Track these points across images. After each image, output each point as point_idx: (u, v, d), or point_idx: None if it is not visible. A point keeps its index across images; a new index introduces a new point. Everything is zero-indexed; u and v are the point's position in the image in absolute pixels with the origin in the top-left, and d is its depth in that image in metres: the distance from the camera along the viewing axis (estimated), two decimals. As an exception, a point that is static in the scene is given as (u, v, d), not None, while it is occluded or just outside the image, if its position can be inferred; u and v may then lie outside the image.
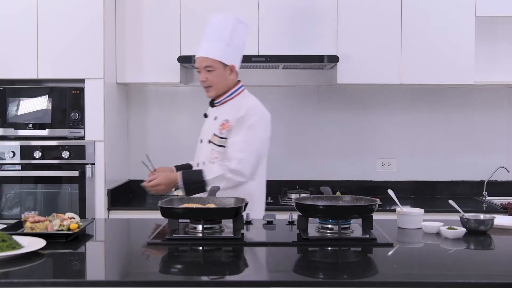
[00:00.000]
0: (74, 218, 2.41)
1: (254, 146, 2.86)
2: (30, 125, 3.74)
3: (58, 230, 2.31)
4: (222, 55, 2.91)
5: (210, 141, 2.94)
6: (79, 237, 2.35)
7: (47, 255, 2.08)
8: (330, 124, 4.35)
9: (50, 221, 2.35)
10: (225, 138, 2.88)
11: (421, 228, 2.52)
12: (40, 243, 2.12)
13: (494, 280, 1.86)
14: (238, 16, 3.55)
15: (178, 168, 3.05)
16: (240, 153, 2.82)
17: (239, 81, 3.03)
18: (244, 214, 2.38)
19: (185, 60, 3.87)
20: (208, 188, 2.73)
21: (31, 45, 3.71)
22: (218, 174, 2.79)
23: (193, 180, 2.81)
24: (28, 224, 2.33)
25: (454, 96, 4.33)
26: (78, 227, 2.35)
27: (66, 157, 3.69)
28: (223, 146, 2.89)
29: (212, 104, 3.06)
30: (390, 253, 2.18)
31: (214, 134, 2.92)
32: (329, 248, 2.23)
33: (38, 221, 2.33)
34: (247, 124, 2.85)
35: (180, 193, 2.87)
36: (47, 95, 3.75)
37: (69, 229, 2.32)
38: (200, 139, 3.06)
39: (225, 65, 2.91)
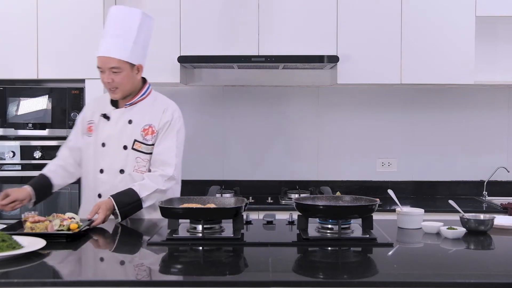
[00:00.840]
0: (74, 218, 2.41)
1: (182, 150, 2.90)
2: (30, 125, 3.74)
3: (58, 230, 2.31)
4: (130, 55, 2.72)
5: (134, 148, 2.78)
6: (79, 237, 2.35)
7: (47, 255, 2.08)
8: (330, 124, 4.35)
9: (50, 221, 2.35)
10: (153, 145, 2.80)
11: (421, 228, 2.52)
12: (40, 243, 2.12)
13: (494, 280, 1.86)
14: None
15: (34, 183, 2.82)
16: (175, 158, 2.82)
17: (144, 79, 2.90)
18: None
19: (185, 60, 3.88)
20: (145, 205, 2.71)
21: (31, 45, 3.71)
22: (154, 190, 2.73)
23: (127, 201, 2.64)
24: (28, 224, 2.33)
25: (454, 96, 4.33)
26: (78, 227, 2.34)
27: (66, 157, 3.68)
28: (151, 153, 2.80)
29: (115, 104, 2.84)
30: (390, 253, 2.18)
31: (137, 141, 2.78)
32: (329, 248, 2.23)
33: (38, 221, 2.33)
34: (175, 129, 2.84)
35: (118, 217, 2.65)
36: (47, 95, 3.75)
37: (69, 229, 2.32)
38: (102, 143, 2.81)
39: (132, 65, 2.74)
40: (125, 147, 2.79)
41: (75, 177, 2.98)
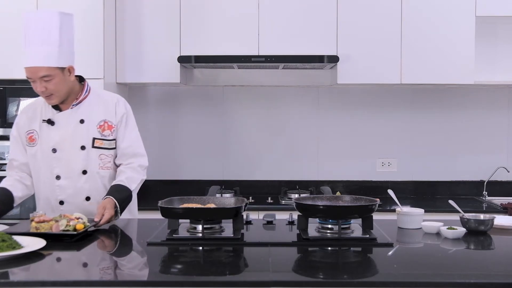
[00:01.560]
0: (82, 219, 2.38)
1: None
2: (30, 125, 3.73)
3: (64, 231, 2.29)
4: (57, 60, 2.61)
5: (95, 147, 2.73)
6: (84, 237, 2.34)
7: (47, 255, 2.08)
8: (330, 124, 4.35)
9: (56, 221, 2.32)
10: (114, 140, 2.77)
11: (421, 228, 2.52)
12: (40, 243, 2.12)
13: (494, 280, 1.86)
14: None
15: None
16: (142, 148, 2.85)
17: (81, 77, 2.82)
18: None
19: (185, 60, 3.88)
20: (134, 197, 2.76)
21: (31, 45, 3.70)
22: (140, 181, 2.78)
23: (124, 197, 2.65)
24: (33, 224, 2.32)
25: (454, 96, 4.33)
26: (84, 228, 2.32)
27: (66, 157, 3.68)
28: (113, 148, 2.78)
29: (57, 108, 2.74)
30: (390, 253, 2.18)
31: (97, 138, 2.73)
32: (329, 248, 2.23)
33: (44, 221, 2.30)
34: (132, 119, 2.85)
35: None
36: (47, 95, 3.74)
37: (75, 230, 2.30)
38: (53, 149, 2.71)
39: (62, 69, 2.63)
40: (83, 148, 2.73)
41: (33, 190, 2.86)
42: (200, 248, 2.23)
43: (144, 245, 2.25)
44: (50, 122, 2.73)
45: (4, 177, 3.66)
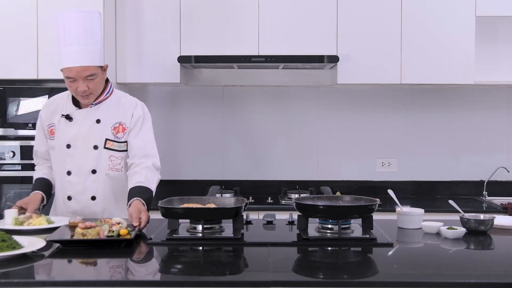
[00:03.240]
0: (122, 224, 2.30)
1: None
2: (30, 125, 3.74)
3: (108, 236, 2.21)
4: (100, 60, 2.70)
5: (106, 148, 2.75)
6: (131, 243, 2.26)
7: (47, 255, 2.08)
8: (330, 124, 4.35)
9: (99, 226, 2.25)
10: (125, 142, 2.78)
11: (421, 228, 2.52)
12: (40, 243, 2.12)
13: (494, 280, 1.86)
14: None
15: (41, 187, 2.79)
16: (155, 150, 2.85)
17: (106, 78, 2.87)
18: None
19: (185, 60, 3.88)
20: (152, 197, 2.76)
21: (31, 45, 3.71)
22: (157, 180, 2.79)
23: (147, 198, 2.64)
24: (79, 230, 2.20)
25: (454, 96, 4.33)
26: (128, 233, 2.23)
27: (66, 157, 3.68)
28: (124, 151, 2.79)
29: (77, 104, 2.79)
30: (390, 253, 2.18)
31: (109, 140, 2.75)
32: (329, 248, 2.23)
33: (90, 227, 2.22)
34: (149, 122, 2.87)
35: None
36: (47, 95, 3.74)
37: (119, 235, 2.22)
38: (67, 144, 2.75)
39: (101, 67, 2.73)
40: (95, 147, 2.75)
41: None
42: (200, 248, 2.23)
43: (144, 245, 2.25)
44: (69, 117, 2.77)
45: (4, 177, 3.71)
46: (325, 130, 4.35)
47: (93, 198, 2.76)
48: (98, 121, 2.76)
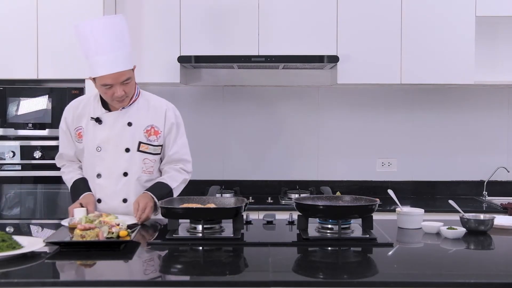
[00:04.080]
0: (122, 225, 2.27)
1: None
2: (30, 125, 3.74)
3: (107, 238, 2.20)
4: (131, 61, 2.70)
5: (140, 150, 2.75)
6: (132, 245, 2.26)
7: (47, 255, 2.08)
8: (330, 124, 4.35)
9: (98, 228, 2.23)
10: (160, 146, 2.80)
11: (421, 228, 2.52)
12: (40, 243, 2.12)
13: (494, 280, 1.86)
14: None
15: (87, 188, 2.78)
16: (188, 155, 2.89)
17: None
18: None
19: (185, 60, 3.87)
20: (176, 193, 2.78)
21: (31, 45, 3.71)
22: (181, 180, 2.82)
23: (163, 193, 2.68)
24: (77, 232, 2.18)
25: (454, 96, 4.33)
26: (128, 234, 2.22)
27: (66, 157, 3.68)
28: (158, 154, 2.81)
29: (106, 108, 2.78)
30: (390, 253, 2.18)
31: (143, 143, 2.76)
32: (329, 248, 2.23)
33: (89, 228, 2.20)
34: (181, 127, 2.89)
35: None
36: (47, 95, 3.75)
37: (118, 236, 2.21)
38: (97, 147, 2.74)
39: (133, 70, 2.73)
40: (127, 150, 2.75)
41: None
42: (200, 248, 2.23)
43: (144, 245, 2.25)
44: (98, 120, 2.75)
45: (4, 177, 3.71)
46: (325, 130, 4.35)
47: (125, 200, 2.74)
48: (129, 124, 2.75)
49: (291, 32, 3.93)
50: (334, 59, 3.84)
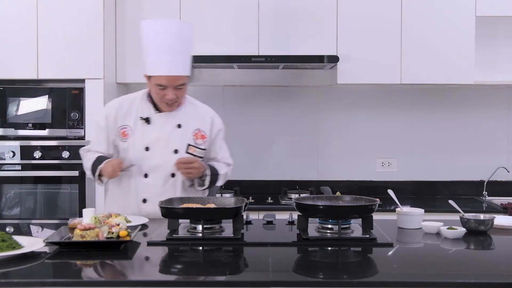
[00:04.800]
0: (121, 225, 2.26)
1: None
2: (30, 125, 3.74)
3: (107, 238, 2.19)
4: (189, 69, 2.77)
5: (188, 153, 2.79)
6: (132, 245, 2.25)
7: (47, 255, 2.08)
8: (330, 124, 4.35)
9: (98, 228, 2.22)
10: (205, 150, 2.85)
11: (421, 228, 2.52)
12: (40, 243, 2.12)
13: (494, 280, 1.86)
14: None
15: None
16: (231, 159, 3.00)
17: None
18: None
19: (185, 60, 3.87)
20: (218, 183, 2.85)
21: (31, 45, 3.71)
22: (224, 173, 2.89)
23: (214, 172, 2.80)
24: (77, 232, 2.17)
25: (454, 96, 4.33)
26: (128, 234, 2.22)
27: (66, 157, 3.69)
28: (202, 158, 2.84)
29: (156, 108, 2.81)
30: (390, 253, 2.18)
31: (191, 145, 2.80)
32: (329, 248, 2.23)
33: (89, 228, 2.19)
34: (223, 133, 2.96)
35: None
36: (47, 95, 3.75)
37: (118, 236, 2.20)
38: (146, 147, 2.77)
39: (188, 76, 2.77)
40: (176, 151, 2.77)
41: None
42: (200, 248, 2.23)
43: (144, 245, 2.25)
44: (147, 120, 2.78)
45: (4, 177, 3.71)
46: (325, 130, 4.35)
47: None
48: (179, 126, 2.79)
49: (291, 32, 3.93)
50: (334, 59, 3.84)
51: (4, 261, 1.97)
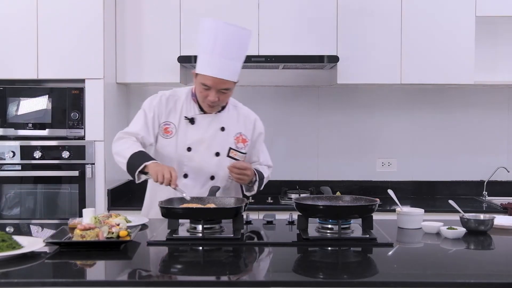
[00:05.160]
0: (121, 225, 2.25)
1: None
2: (30, 125, 3.74)
3: (107, 238, 2.19)
4: (238, 75, 2.69)
5: (229, 156, 2.77)
6: (132, 245, 2.25)
7: (47, 255, 2.08)
8: (330, 124, 4.35)
9: (98, 227, 2.22)
10: (245, 154, 2.82)
11: (421, 228, 2.52)
12: (40, 243, 2.11)
13: (494, 280, 1.86)
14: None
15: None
16: (271, 162, 2.97)
17: None
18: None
19: (185, 60, 3.87)
20: (262, 186, 2.81)
21: (31, 45, 3.71)
22: (267, 175, 2.87)
23: (261, 176, 2.77)
24: (77, 232, 2.16)
25: (454, 96, 4.33)
26: (128, 234, 2.21)
27: (66, 157, 3.69)
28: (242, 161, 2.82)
29: (201, 108, 2.78)
30: (390, 253, 2.18)
31: (232, 148, 2.78)
32: (329, 248, 2.23)
33: (89, 228, 2.18)
34: (263, 137, 2.93)
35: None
36: (47, 95, 3.75)
37: (118, 236, 2.20)
38: (188, 147, 2.74)
39: (235, 83, 2.70)
40: (217, 154, 2.75)
41: None
42: (200, 248, 2.23)
43: (144, 245, 2.25)
44: (192, 121, 2.75)
45: (4, 177, 3.71)
46: (325, 130, 4.35)
47: None
48: (222, 128, 2.77)
49: (291, 32, 3.93)
50: (334, 59, 3.84)
51: (4, 261, 1.97)
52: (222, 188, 2.76)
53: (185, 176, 2.75)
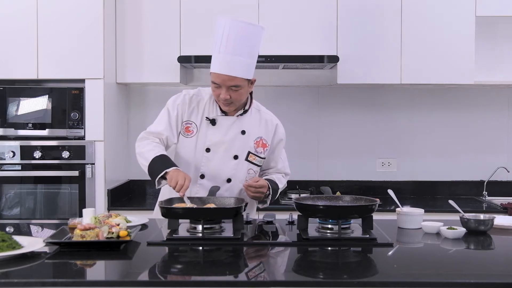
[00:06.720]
0: (121, 225, 2.25)
1: None
2: (30, 125, 3.74)
3: (107, 238, 2.19)
4: (250, 73, 2.66)
5: (248, 160, 2.74)
6: (133, 246, 2.24)
7: (47, 255, 2.08)
8: (330, 124, 4.35)
9: (98, 227, 2.21)
10: (264, 158, 2.79)
11: (421, 228, 2.52)
12: (40, 243, 2.11)
13: (494, 280, 1.86)
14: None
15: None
16: (289, 169, 2.96)
17: None
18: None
19: (185, 60, 3.88)
20: (276, 197, 2.80)
21: (31, 45, 3.71)
22: (283, 185, 2.86)
23: (275, 188, 2.74)
24: (77, 232, 2.16)
25: (454, 96, 4.33)
26: (128, 234, 2.21)
27: (66, 157, 3.69)
28: (260, 166, 2.81)
29: (221, 110, 2.76)
30: (390, 253, 2.18)
31: (251, 153, 2.75)
32: (329, 248, 2.23)
33: (89, 228, 2.18)
34: (284, 143, 2.90)
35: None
36: (47, 95, 3.75)
37: (118, 237, 2.19)
38: (207, 148, 2.71)
39: (249, 81, 2.69)
40: (235, 157, 2.72)
41: None
42: (200, 248, 2.23)
43: (144, 245, 2.25)
44: (213, 122, 2.73)
45: (4, 177, 3.71)
46: (325, 130, 4.35)
47: None
48: (243, 132, 2.74)
49: (291, 32, 3.93)
50: (334, 59, 3.84)
51: (4, 261, 1.97)
52: (239, 191, 2.75)
53: (202, 176, 2.73)
